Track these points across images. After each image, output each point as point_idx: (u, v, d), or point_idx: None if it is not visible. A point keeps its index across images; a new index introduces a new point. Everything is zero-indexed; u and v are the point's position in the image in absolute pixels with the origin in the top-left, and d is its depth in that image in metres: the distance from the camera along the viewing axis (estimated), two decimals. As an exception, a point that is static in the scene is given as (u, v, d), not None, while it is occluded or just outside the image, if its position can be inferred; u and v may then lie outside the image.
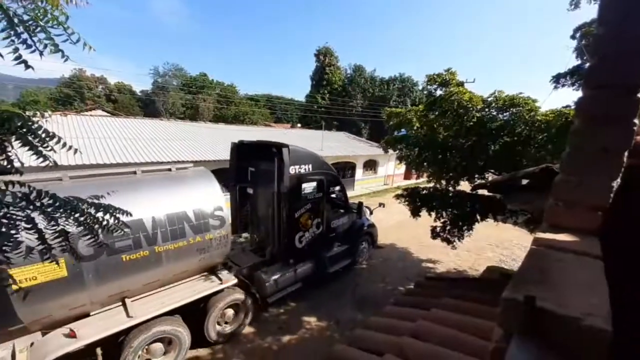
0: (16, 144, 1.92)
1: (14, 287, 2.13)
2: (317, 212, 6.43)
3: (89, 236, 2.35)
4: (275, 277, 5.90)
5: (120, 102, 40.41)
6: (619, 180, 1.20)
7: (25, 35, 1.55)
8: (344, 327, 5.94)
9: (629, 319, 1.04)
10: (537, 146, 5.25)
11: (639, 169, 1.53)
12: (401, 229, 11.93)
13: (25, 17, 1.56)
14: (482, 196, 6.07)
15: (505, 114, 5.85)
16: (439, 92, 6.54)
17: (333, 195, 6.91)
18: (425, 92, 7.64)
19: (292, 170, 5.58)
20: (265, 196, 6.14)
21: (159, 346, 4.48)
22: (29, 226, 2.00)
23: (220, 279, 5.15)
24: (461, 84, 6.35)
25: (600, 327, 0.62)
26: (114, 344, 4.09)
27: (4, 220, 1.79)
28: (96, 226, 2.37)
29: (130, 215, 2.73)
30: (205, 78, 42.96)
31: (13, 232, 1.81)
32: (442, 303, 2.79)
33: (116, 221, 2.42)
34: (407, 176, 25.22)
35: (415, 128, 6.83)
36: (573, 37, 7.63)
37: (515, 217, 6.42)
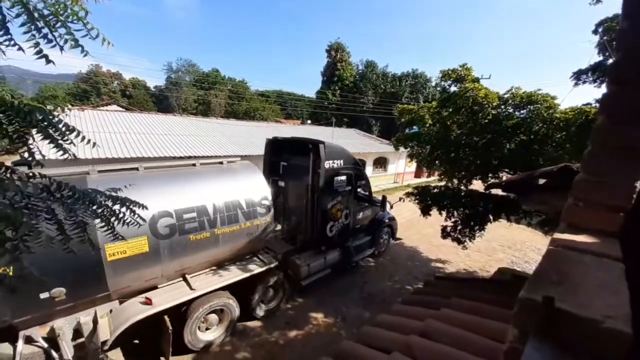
0: (37, 136, 1.99)
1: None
2: (346, 204, 6.88)
3: (105, 228, 2.43)
4: (309, 262, 6.34)
5: (135, 98, 41.34)
6: (643, 180, 1.15)
7: (45, 30, 1.59)
8: (351, 324, 5.96)
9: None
10: (555, 145, 5.09)
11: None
12: (410, 228, 11.83)
13: (46, 12, 1.60)
14: (495, 196, 5.94)
15: (522, 111, 5.68)
16: (453, 89, 6.40)
17: (359, 189, 7.30)
18: (438, 89, 7.50)
19: (327, 164, 6.05)
20: (298, 188, 6.50)
21: (214, 317, 5.17)
22: (49, 217, 2.08)
23: (263, 261, 5.72)
24: (477, 80, 6.19)
25: (621, 330, 0.60)
26: (178, 314, 4.68)
27: (26, 211, 1.86)
28: (112, 218, 2.44)
29: (147, 208, 2.80)
30: (218, 74, 43.44)
31: (34, 222, 1.88)
32: (451, 303, 2.75)
33: (132, 214, 2.48)
34: (417, 174, 24.91)
35: (427, 125, 6.72)
36: (595, 32, 7.33)
37: (529, 218, 6.27)
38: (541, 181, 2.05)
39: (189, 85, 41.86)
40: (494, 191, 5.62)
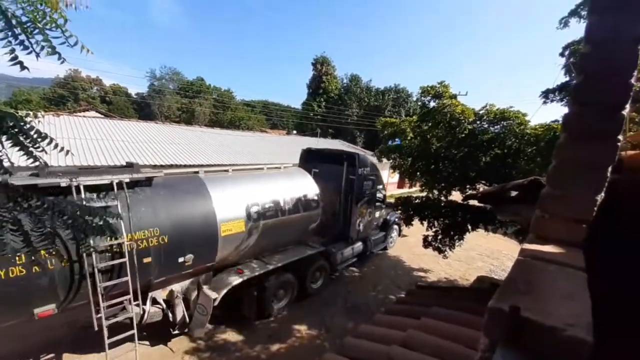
0: (7, 143, 1.89)
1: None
2: (369, 204, 8.16)
3: (77, 240, 2.31)
4: (341, 251, 7.64)
5: (115, 104, 40.07)
6: (602, 194, 1.24)
7: (22, 37, 1.55)
8: (335, 335, 5.88)
9: (610, 327, 1.06)
10: (527, 159, 5.37)
11: (622, 184, 1.59)
12: (394, 238, 11.94)
13: (24, 19, 1.56)
14: (472, 206, 6.15)
15: (496, 126, 5.99)
16: (432, 104, 6.67)
17: (379, 193, 8.64)
18: (419, 104, 7.79)
19: (359, 171, 7.33)
20: (328, 191, 7.49)
21: (281, 291, 6.47)
22: (14, 227, 1.96)
23: (313, 247, 7.01)
24: (454, 96, 6.49)
25: (582, 338, 0.64)
26: (259, 287, 5.91)
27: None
28: (85, 230, 2.32)
29: (122, 218, 2.69)
30: (202, 83, 43.00)
31: (-2, 233, 1.77)
32: (432, 312, 2.79)
33: (106, 224, 2.38)
34: (400, 185, 25.40)
35: (409, 138, 6.93)
36: (562, 54, 7.89)
37: (505, 228, 6.52)
38: (513, 193, 2.16)
39: (173, 93, 41.13)
40: (472, 202, 5.83)
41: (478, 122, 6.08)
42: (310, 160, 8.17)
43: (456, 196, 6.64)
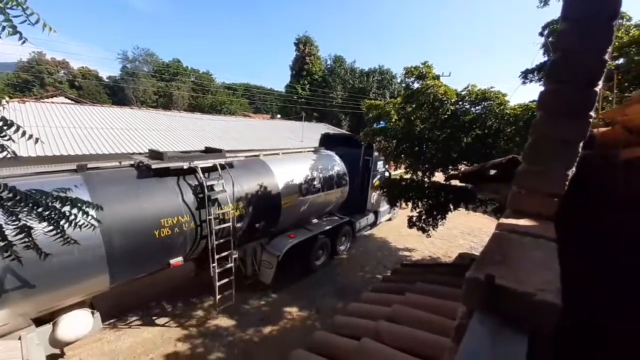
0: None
1: None
2: (379, 181, 9.57)
3: (54, 232, 2.22)
4: (359, 221, 9.35)
5: (86, 89, 37.74)
6: (573, 169, 1.31)
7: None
8: (325, 316, 6.08)
9: (577, 293, 1.15)
10: (506, 139, 5.53)
11: (592, 160, 1.67)
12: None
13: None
14: (454, 186, 6.34)
15: (477, 107, 6.09)
16: (416, 85, 6.67)
17: (386, 172, 10.23)
18: (403, 85, 7.78)
19: (374, 154, 8.97)
20: (349, 170, 8.68)
21: (320, 251, 8.01)
22: (-16, 222, 1.86)
23: (342, 217, 8.62)
24: (437, 77, 6.50)
25: (552, 301, 0.69)
26: (305, 248, 7.29)
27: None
28: (62, 221, 2.24)
29: (102, 209, 2.60)
30: (179, 65, 41.00)
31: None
32: (416, 288, 2.92)
33: (85, 215, 2.30)
34: (385, 167, 25.75)
35: (393, 120, 6.95)
36: (541, 34, 8.01)
37: (484, 207, 6.80)
38: (492, 172, 2.24)
39: (148, 76, 39.06)
40: (454, 182, 6.01)
41: (460, 102, 6.16)
42: (329, 144, 9.42)
43: (439, 177, 6.81)
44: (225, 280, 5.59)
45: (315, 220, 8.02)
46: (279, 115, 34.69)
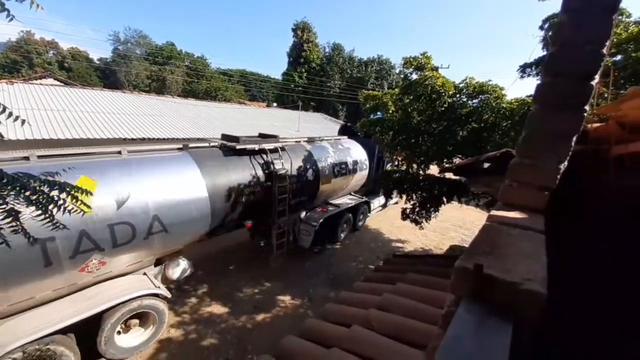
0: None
1: None
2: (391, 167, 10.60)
3: (42, 216, 2.18)
4: (373, 201, 10.75)
5: (76, 71, 36.66)
6: (566, 163, 1.32)
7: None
8: (318, 304, 6.18)
9: (564, 282, 1.18)
10: (502, 133, 5.56)
11: (585, 154, 1.69)
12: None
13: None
14: (448, 179, 6.39)
15: (474, 100, 6.08)
16: (414, 76, 6.61)
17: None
18: (401, 76, 7.70)
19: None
20: (366, 157, 9.92)
21: (344, 225, 9.47)
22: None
23: (360, 197, 9.92)
24: (436, 68, 6.45)
25: (537, 290, 0.70)
26: (333, 221, 8.63)
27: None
28: (51, 206, 2.20)
29: (91, 194, 2.56)
30: (173, 48, 39.93)
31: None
32: (407, 278, 2.97)
33: (74, 200, 2.26)
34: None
35: (390, 111, 6.92)
36: (541, 27, 7.95)
37: (477, 200, 6.87)
38: (486, 165, 2.25)
39: (140, 59, 37.99)
40: (448, 175, 6.05)
41: (457, 95, 6.14)
42: (347, 134, 10.63)
43: (433, 170, 6.85)
44: (282, 239, 7.13)
45: (339, 200, 9.31)
46: (275, 104, 34.21)
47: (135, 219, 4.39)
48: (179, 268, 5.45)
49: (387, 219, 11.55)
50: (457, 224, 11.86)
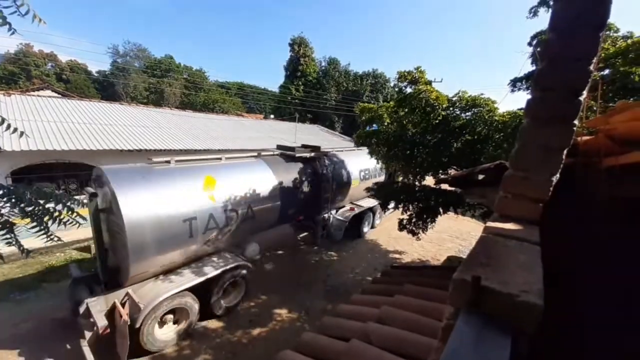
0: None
1: None
2: None
3: (36, 229, 2.16)
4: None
5: (74, 83, 36.81)
6: (557, 175, 1.35)
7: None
8: (315, 317, 6.07)
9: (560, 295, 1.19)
10: (495, 145, 5.65)
11: (576, 167, 1.73)
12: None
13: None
14: (444, 190, 6.43)
15: (467, 113, 6.20)
16: (408, 90, 6.75)
17: None
18: (396, 89, 7.87)
19: None
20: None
21: (366, 222, 10.92)
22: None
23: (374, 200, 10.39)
24: (429, 82, 6.60)
25: (534, 302, 0.71)
26: (358, 219, 10.20)
27: None
28: (46, 218, 2.18)
29: (85, 206, 2.54)
30: (172, 61, 40.40)
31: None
32: (405, 289, 2.95)
33: (70, 212, 2.24)
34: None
35: (386, 124, 7.01)
36: (530, 44, 8.23)
37: (473, 211, 6.90)
38: (480, 177, 2.29)
39: (139, 72, 38.34)
40: (444, 186, 6.10)
41: (451, 108, 6.26)
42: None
43: (429, 181, 6.90)
44: (323, 232, 8.89)
45: (361, 201, 10.41)
46: (272, 116, 34.52)
47: (239, 207, 6.06)
48: (252, 249, 6.83)
49: (385, 229, 11.52)
50: (453, 235, 11.85)
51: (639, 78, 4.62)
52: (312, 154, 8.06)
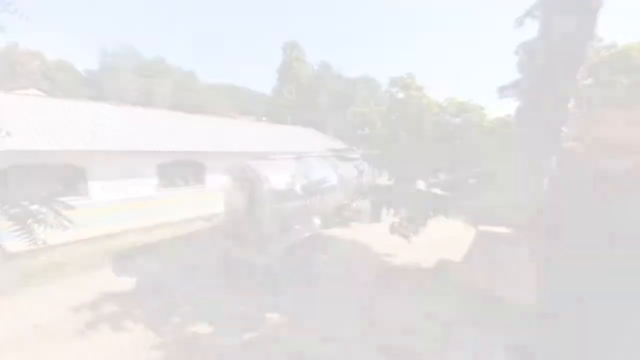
0: None
1: None
2: None
3: (20, 232, 2.08)
4: None
5: (60, 82, 35.85)
6: (546, 181, 1.39)
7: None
8: (306, 323, 6.00)
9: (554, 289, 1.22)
10: (485, 150, 5.76)
11: (564, 173, 1.79)
12: (363, 225, 12.33)
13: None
14: (435, 194, 6.52)
15: (457, 119, 6.33)
16: (400, 95, 6.85)
17: None
18: (388, 94, 7.96)
19: None
20: None
21: (384, 210, 10.23)
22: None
23: None
24: (420, 88, 6.72)
25: (526, 304, 0.73)
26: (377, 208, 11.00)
27: None
28: (29, 220, 2.09)
29: (73, 208, 2.47)
30: (162, 61, 39.89)
31: None
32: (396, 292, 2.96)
33: (56, 215, 2.17)
34: (369, 174, 26.02)
35: (377, 128, 7.09)
36: (517, 52, 8.46)
37: (464, 214, 7.01)
38: (471, 181, 2.33)
39: (128, 72, 37.65)
40: (434, 190, 6.18)
41: (441, 114, 6.38)
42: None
43: (420, 185, 6.98)
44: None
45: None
46: (264, 118, 34.41)
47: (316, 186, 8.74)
48: (316, 222, 9.04)
49: (376, 233, 11.54)
50: (444, 238, 11.95)
51: (622, 86, 4.79)
52: (351, 155, 10.20)
